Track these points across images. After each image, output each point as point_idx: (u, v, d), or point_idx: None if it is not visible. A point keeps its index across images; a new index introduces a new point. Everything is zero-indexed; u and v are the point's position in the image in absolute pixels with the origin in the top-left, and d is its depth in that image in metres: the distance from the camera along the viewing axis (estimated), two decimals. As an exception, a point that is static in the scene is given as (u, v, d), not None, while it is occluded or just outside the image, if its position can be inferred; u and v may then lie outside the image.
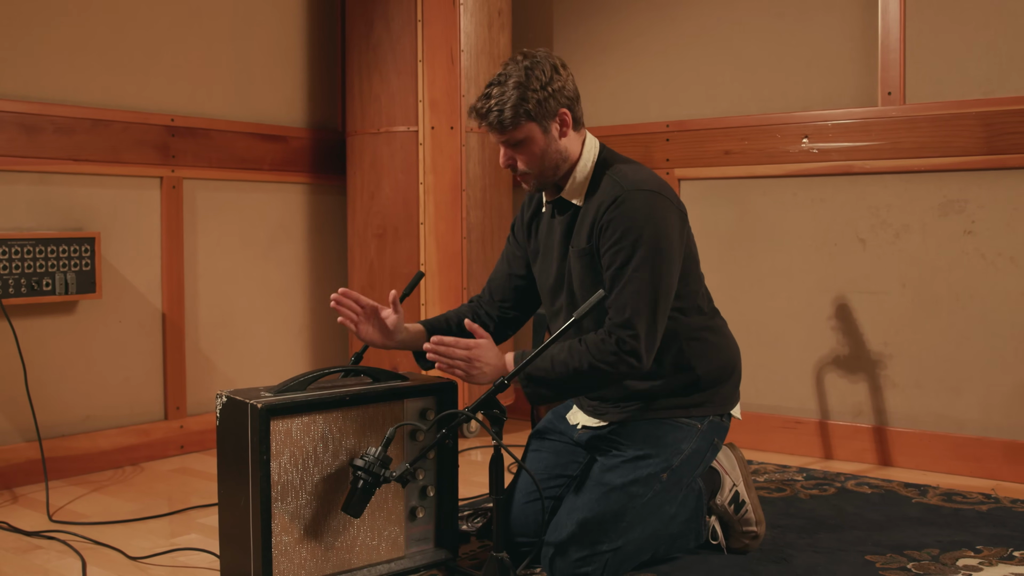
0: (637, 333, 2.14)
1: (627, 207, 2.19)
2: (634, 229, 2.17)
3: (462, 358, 2.18)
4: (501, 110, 2.19)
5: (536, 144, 2.23)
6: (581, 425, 2.42)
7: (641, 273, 2.16)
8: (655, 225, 2.18)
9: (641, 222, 2.18)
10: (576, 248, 2.29)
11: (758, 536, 2.42)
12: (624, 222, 2.18)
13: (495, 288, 2.55)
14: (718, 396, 2.35)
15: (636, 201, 2.19)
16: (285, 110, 3.97)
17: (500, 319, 2.54)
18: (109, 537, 2.63)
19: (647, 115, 3.86)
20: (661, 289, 2.18)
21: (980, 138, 3.13)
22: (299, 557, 2.17)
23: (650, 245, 2.17)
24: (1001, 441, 3.13)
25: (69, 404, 3.31)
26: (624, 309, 2.16)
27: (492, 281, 2.57)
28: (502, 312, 2.54)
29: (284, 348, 3.96)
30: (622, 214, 2.18)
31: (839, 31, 3.42)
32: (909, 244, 3.29)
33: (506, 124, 2.20)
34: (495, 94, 2.20)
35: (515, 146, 2.24)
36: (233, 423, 2.15)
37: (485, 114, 2.21)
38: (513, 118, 2.19)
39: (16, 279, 3.08)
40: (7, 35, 3.14)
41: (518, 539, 2.33)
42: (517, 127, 2.20)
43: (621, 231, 2.18)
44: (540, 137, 2.23)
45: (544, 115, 2.22)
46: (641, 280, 2.16)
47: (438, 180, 3.69)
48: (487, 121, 2.22)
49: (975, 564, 2.32)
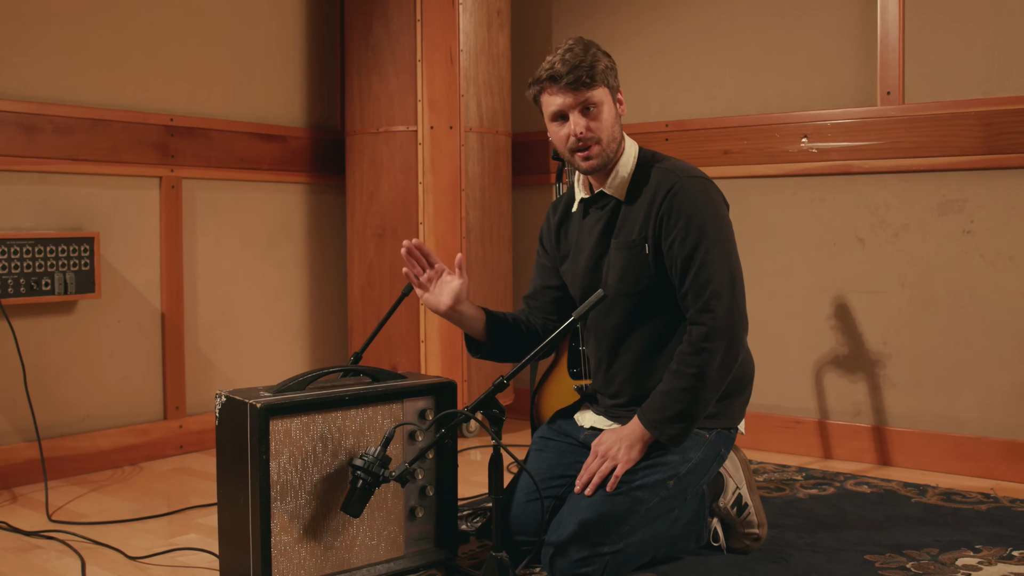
0: (716, 314, 2.17)
1: (686, 193, 2.23)
2: (697, 214, 2.21)
3: (599, 465, 2.22)
4: (592, 65, 2.22)
5: (608, 110, 2.27)
6: (590, 426, 2.42)
7: (713, 255, 2.19)
8: (716, 208, 2.24)
9: (703, 207, 2.22)
10: (622, 240, 2.29)
11: (760, 538, 2.41)
12: (686, 208, 2.21)
13: (533, 304, 2.56)
14: (730, 408, 2.36)
15: (694, 187, 2.24)
16: (284, 110, 3.97)
17: (545, 330, 2.53)
18: (108, 537, 2.63)
19: (646, 115, 3.86)
20: (735, 268, 2.23)
21: (979, 138, 3.13)
22: (298, 557, 2.17)
23: (715, 227, 2.22)
24: (1000, 441, 3.13)
25: (68, 404, 3.31)
26: (702, 292, 2.19)
27: (530, 298, 2.58)
28: (546, 323, 2.54)
29: (283, 348, 3.96)
30: (682, 201, 2.22)
31: (838, 31, 3.42)
32: (908, 244, 3.29)
33: (594, 78, 2.23)
34: (577, 52, 2.23)
35: (587, 110, 2.25)
36: (232, 423, 2.15)
37: (570, 71, 2.21)
38: (600, 74, 2.23)
39: (15, 279, 3.08)
40: (6, 34, 3.14)
41: (518, 538, 2.33)
42: (597, 86, 2.24)
43: (685, 218, 2.21)
44: (611, 104, 2.28)
45: (614, 87, 2.29)
46: (714, 262, 2.19)
47: (437, 180, 3.69)
48: (570, 78, 2.21)
49: (974, 564, 2.32)
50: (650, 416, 2.21)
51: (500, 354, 2.48)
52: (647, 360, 2.32)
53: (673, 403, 2.19)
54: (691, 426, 2.21)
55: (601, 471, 2.22)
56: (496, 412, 2.08)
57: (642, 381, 2.32)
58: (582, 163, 2.29)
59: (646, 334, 2.32)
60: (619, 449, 2.22)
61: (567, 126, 2.26)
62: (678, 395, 2.19)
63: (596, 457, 2.24)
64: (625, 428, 2.25)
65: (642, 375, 2.33)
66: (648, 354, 2.32)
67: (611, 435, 2.26)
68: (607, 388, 2.40)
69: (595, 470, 2.23)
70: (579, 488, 2.22)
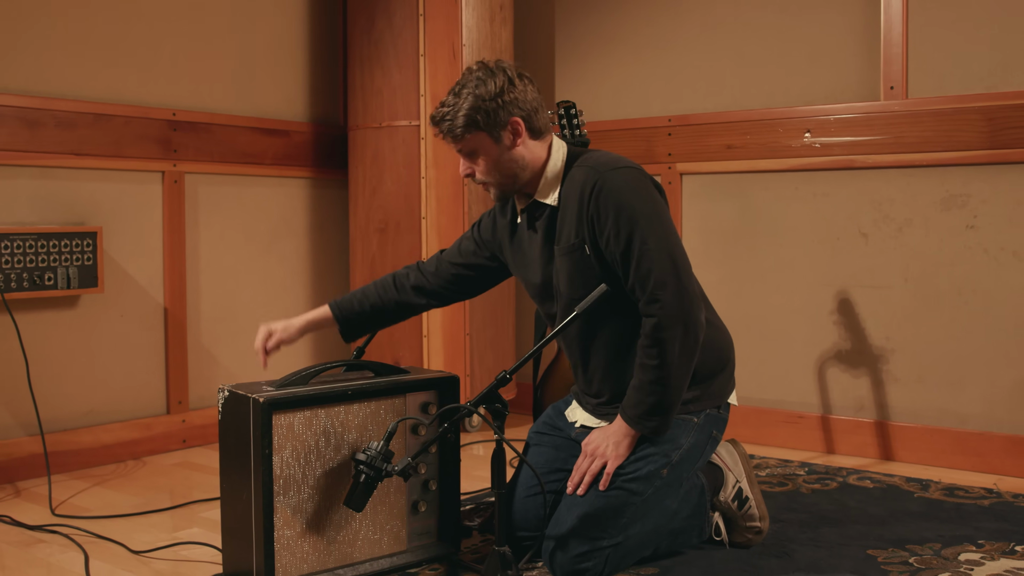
0: (663, 303, 2.15)
1: (610, 188, 2.20)
2: (625, 206, 2.18)
3: (589, 464, 2.24)
4: (453, 119, 2.23)
5: (488, 153, 2.26)
6: (579, 424, 2.42)
7: (649, 243, 2.17)
8: (643, 196, 2.21)
9: (629, 197, 2.19)
10: (563, 246, 2.28)
11: (762, 531, 2.42)
12: (612, 203, 2.19)
13: (437, 268, 2.56)
14: (712, 389, 2.35)
15: (616, 180, 2.21)
16: (287, 104, 3.97)
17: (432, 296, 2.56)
18: (111, 531, 2.63)
19: (649, 109, 3.85)
20: (675, 250, 2.20)
21: (983, 132, 3.13)
22: (301, 551, 2.17)
23: (645, 214, 2.19)
24: (1003, 436, 3.13)
25: (71, 398, 3.31)
26: (646, 283, 2.17)
27: (438, 260, 2.57)
28: (437, 291, 2.55)
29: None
30: (607, 196, 2.20)
31: (841, 25, 3.41)
32: (911, 239, 3.29)
33: (457, 134, 2.24)
34: (449, 102, 2.25)
35: (469, 155, 2.28)
36: (235, 417, 2.15)
37: (439, 122, 2.26)
38: (464, 127, 2.23)
39: (18, 273, 3.08)
40: (9, 29, 3.14)
41: (520, 533, 2.33)
42: (467, 136, 2.24)
43: (613, 213, 2.19)
44: (492, 147, 2.26)
45: (494, 125, 2.24)
46: (651, 250, 2.17)
47: (440, 174, 3.68)
48: (440, 130, 2.26)
49: (977, 559, 2.32)
50: (629, 412, 2.22)
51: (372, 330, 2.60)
52: (619, 358, 2.31)
53: (645, 396, 2.19)
54: (668, 416, 2.21)
55: (592, 470, 2.22)
56: (499, 407, 2.08)
57: (619, 378, 2.31)
58: (490, 194, 2.35)
59: (612, 333, 2.30)
60: (607, 447, 2.23)
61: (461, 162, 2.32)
62: (648, 388, 2.19)
63: (586, 457, 2.25)
64: (611, 426, 2.26)
65: (617, 372, 2.31)
66: (619, 352, 2.30)
67: (599, 434, 2.27)
68: (588, 389, 2.40)
69: (585, 469, 2.23)
70: (571, 489, 2.23)
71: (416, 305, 2.55)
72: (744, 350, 3.28)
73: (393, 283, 2.55)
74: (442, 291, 2.55)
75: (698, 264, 2.53)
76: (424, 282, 2.54)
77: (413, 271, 2.56)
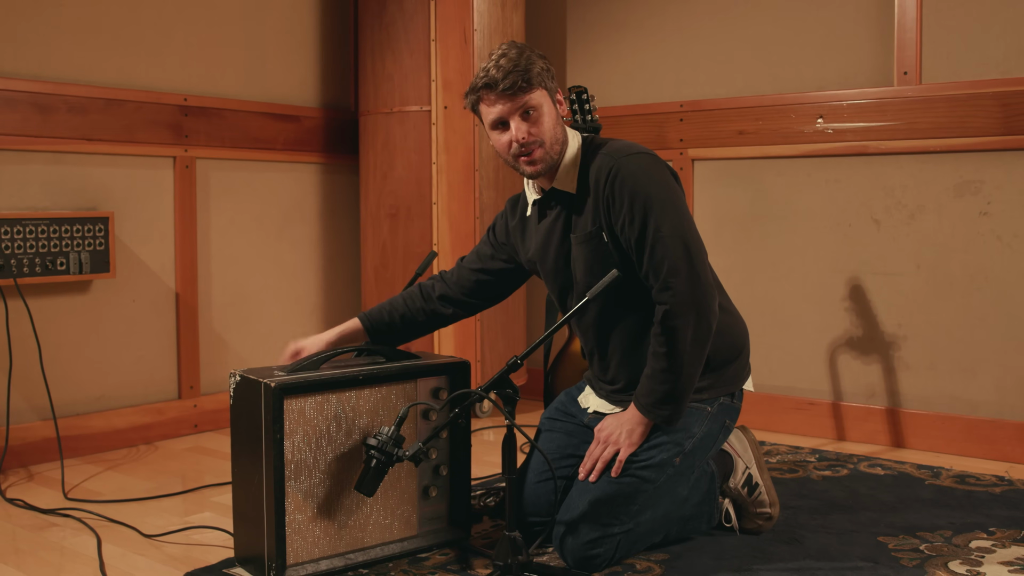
0: (675, 290, 2.14)
1: (625, 173, 2.19)
2: (640, 192, 2.17)
3: (601, 451, 2.23)
4: (527, 69, 2.17)
5: (547, 112, 2.23)
6: (592, 410, 2.42)
7: (664, 230, 2.16)
8: (658, 181, 2.20)
9: (644, 183, 2.18)
10: (580, 234, 2.27)
11: (772, 518, 2.42)
12: (628, 188, 2.18)
13: (460, 276, 2.55)
14: (725, 376, 2.34)
15: (632, 165, 2.20)
16: (298, 90, 3.96)
17: (456, 308, 2.55)
18: (124, 515, 2.65)
19: (661, 95, 3.84)
20: (689, 237, 2.18)
21: (997, 118, 3.11)
22: (312, 535, 2.18)
23: (660, 200, 2.17)
24: (1015, 423, 3.12)
25: (83, 383, 3.33)
26: (660, 270, 2.16)
27: (460, 268, 2.57)
28: (462, 301, 2.55)
29: (297, 327, 3.97)
30: (622, 181, 2.19)
31: (855, 10, 3.39)
32: (924, 225, 3.27)
33: (530, 82, 2.18)
34: (512, 56, 2.18)
35: (526, 114, 2.20)
36: (247, 402, 2.16)
37: (505, 76, 2.16)
38: (536, 77, 2.19)
39: (31, 259, 3.10)
40: (21, 14, 3.14)
41: (530, 518, 2.34)
42: (535, 89, 2.19)
43: (628, 198, 2.18)
44: (550, 105, 2.24)
45: (552, 87, 2.25)
46: (665, 236, 2.16)
47: (451, 160, 3.68)
48: (507, 83, 2.16)
49: (988, 546, 2.32)
50: (642, 401, 2.21)
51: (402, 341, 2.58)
52: (635, 345, 2.30)
53: (658, 385, 2.18)
54: (681, 404, 2.20)
55: (604, 456, 2.22)
56: (510, 392, 2.08)
57: (635, 366, 2.30)
58: (527, 168, 2.25)
59: (628, 321, 2.30)
60: (620, 434, 2.23)
61: (508, 132, 2.22)
62: (660, 376, 2.18)
63: (599, 443, 2.25)
64: (625, 413, 2.25)
65: (634, 360, 2.30)
66: (635, 339, 2.30)
67: (612, 420, 2.26)
68: (604, 375, 2.40)
69: (598, 456, 2.23)
70: (583, 475, 2.23)
71: (444, 315, 2.55)
72: (755, 336, 3.26)
73: (420, 294, 2.55)
74: (466, 300, 2.54)
75: (710, 250, 2.53)
76: (449, 291, 2.54)
77: (438, 281, 2.56)
